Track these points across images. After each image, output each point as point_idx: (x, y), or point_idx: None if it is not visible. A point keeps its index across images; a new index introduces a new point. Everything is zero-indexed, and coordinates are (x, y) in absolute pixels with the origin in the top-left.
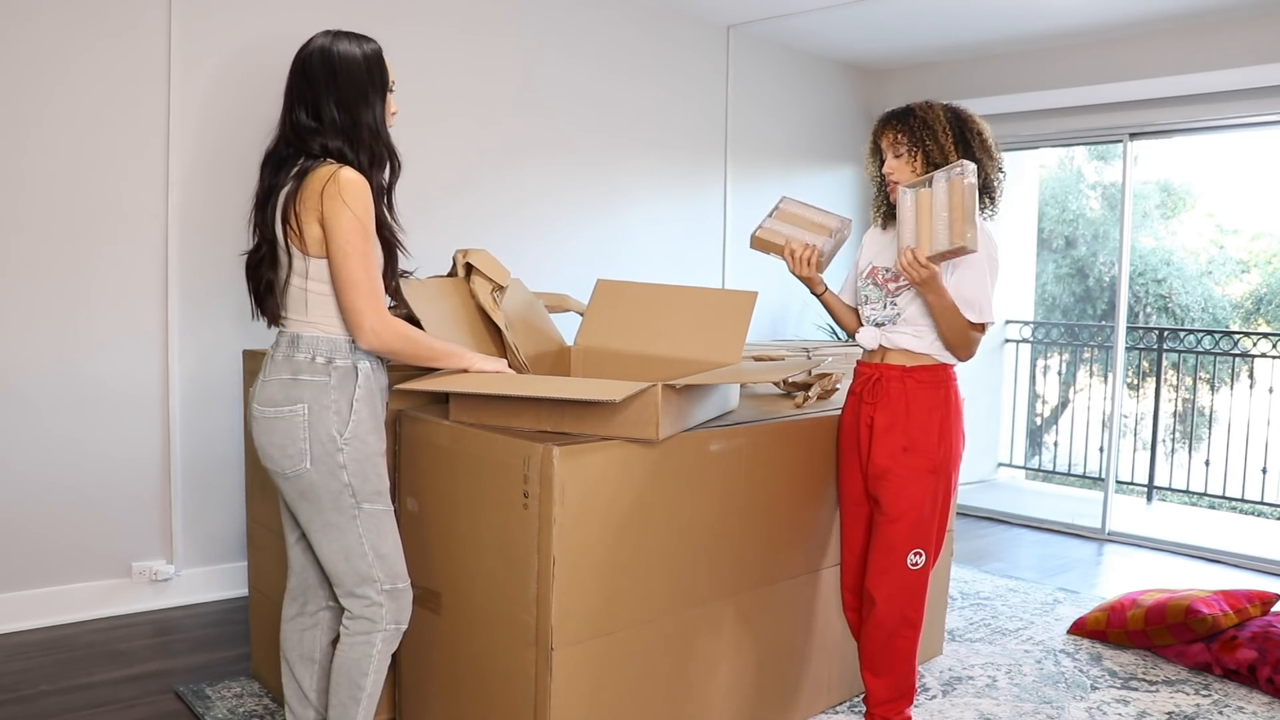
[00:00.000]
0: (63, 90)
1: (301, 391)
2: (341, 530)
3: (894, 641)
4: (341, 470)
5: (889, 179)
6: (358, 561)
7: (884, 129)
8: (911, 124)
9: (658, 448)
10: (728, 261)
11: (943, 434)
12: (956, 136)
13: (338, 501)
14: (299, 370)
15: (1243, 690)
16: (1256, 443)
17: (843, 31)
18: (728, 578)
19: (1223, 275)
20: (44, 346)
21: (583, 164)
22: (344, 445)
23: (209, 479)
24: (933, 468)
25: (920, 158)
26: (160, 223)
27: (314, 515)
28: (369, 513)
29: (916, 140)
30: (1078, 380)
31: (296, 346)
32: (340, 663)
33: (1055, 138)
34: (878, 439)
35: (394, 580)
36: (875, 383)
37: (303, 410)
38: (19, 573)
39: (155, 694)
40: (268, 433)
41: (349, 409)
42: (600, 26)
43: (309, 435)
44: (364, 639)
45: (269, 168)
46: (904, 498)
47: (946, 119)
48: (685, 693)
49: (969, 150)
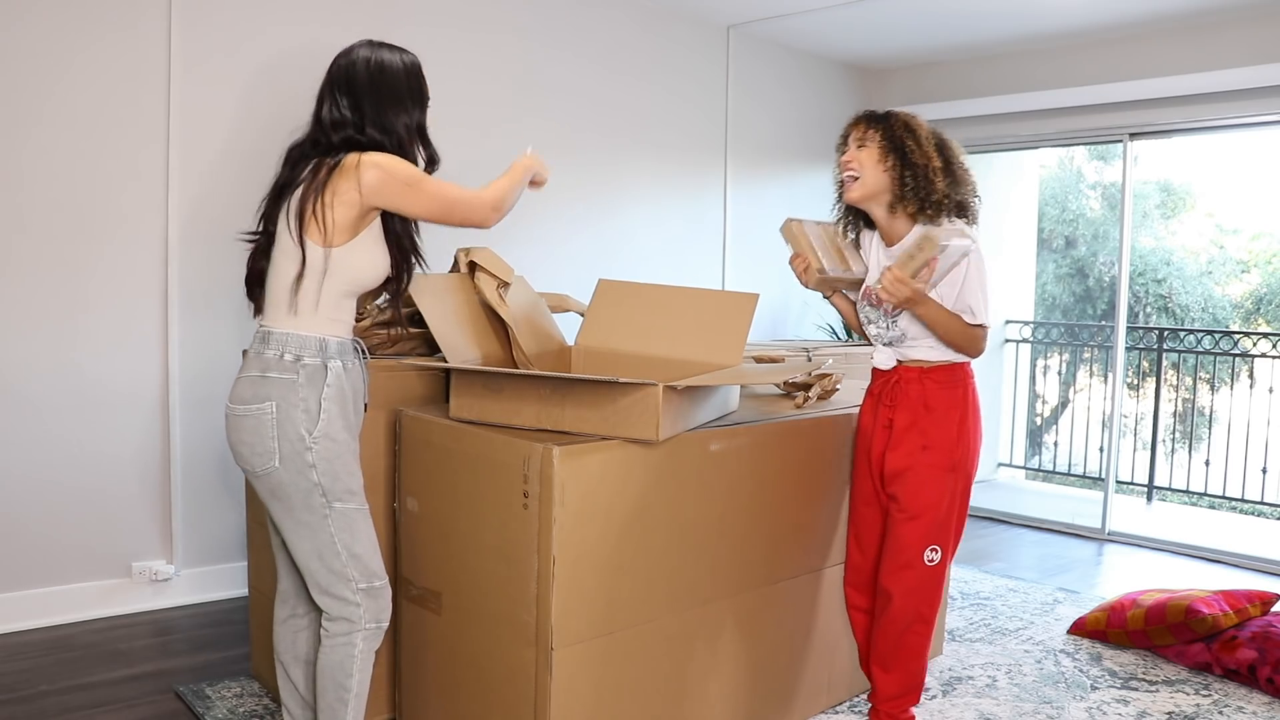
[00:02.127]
0: (63, 90)
1: (270, 389)
2: (313, 530)
3: (907, 638)
4: (310, 469)
5: (846, 167)
6: (331, 561)
7: (858, 122)
8: (892, 124)
9: (658, 448)
10: (728, 261)
11: (961, 432)
12: (938, 146)
13: (308, 500)
14: (267, 367)
15: (1243, 690)
16: (1256, 443)
17: (843, 31)
18: (728, 578)
19: (1223, 275)
20: (44, 346)
21: (583, 164)
22: (312, 444)
23: (209, 479)
24: (952, 466)
25: (894, 157)
26: (160, 223)
27: (285, 515)
28: (340, 512)
29: (894, 139)
30: (1078, 380)
31: (266, 343)
32: (324, 666)
33: (1055, 138)
34: (897, 438)
35: (370, 579)
36: (894, 385)
37: (271, 409)
38: (19, 573)
39: (155, 694)
40: (237, 430)
41: (318, 407)
42: (600, 26)
43: (277, 434)
44: (344, 640)
45: (289, 162)
46: (923, 496)
47: (929, 130)
48: (685, 692)
49: (949, 164)
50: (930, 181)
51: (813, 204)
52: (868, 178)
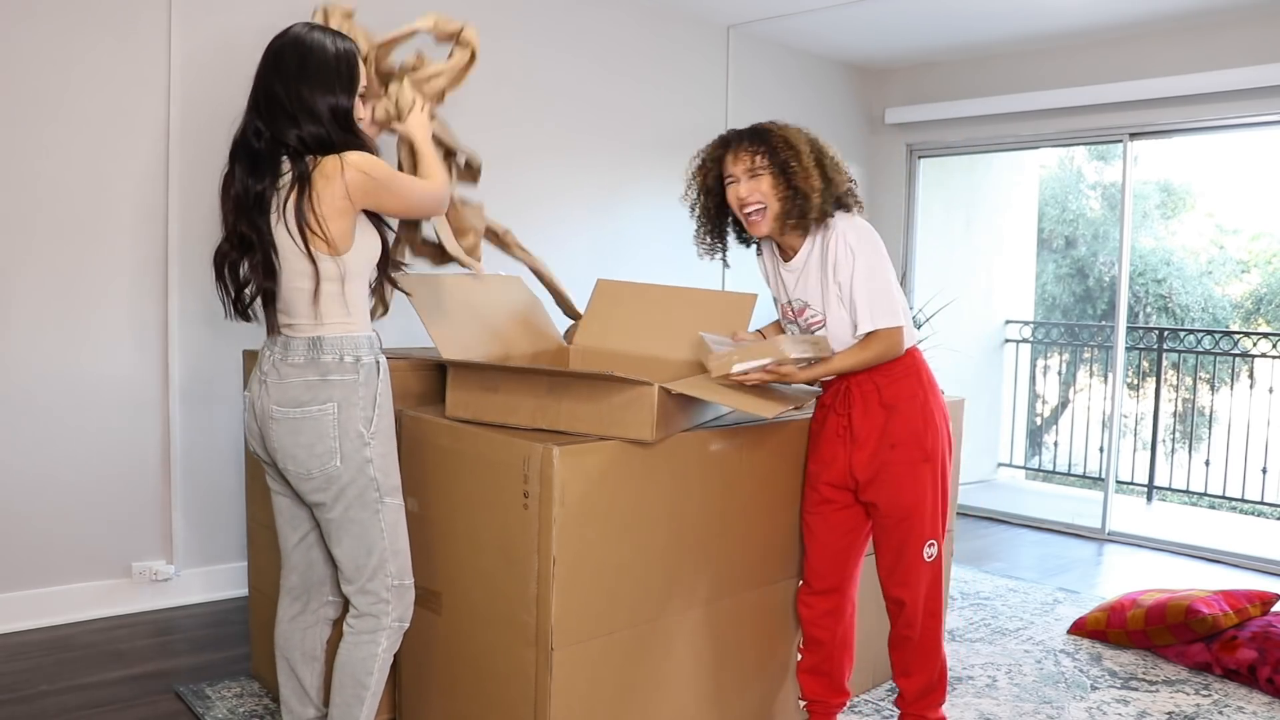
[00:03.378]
0: (63, 90)
1: (332, 391)
2: (364, 525)
3: (925, 638)
4: (369, 464)
5: (745, 203)
6: (376, 556)
7: (736, 150)
8: (773, 142)
9: (658, 448)
10: (728, 261)
11: (927, 419)
12: (816, 157)
13: (364, 496)
14: (328, 370)
15: (1243, 690)
16: (1256, 443)
17: (843, 31)
18: (728, 578)
19: (1223, 275)
20: (44, 346)
21: (582, 164)
22: (370, 439)
23: (209, 479)
24: (925, 456)
25: (784, 180)
26: (160, 222)
27: (336, 511)
28: (390, 507)
29: (778, 159)
30: (1078, 380)
31: (320, 349)
32: (344, 662)
33: (1055, 138)
34: (860, 443)
35: (403, 577)
36: (845, 391)
37: (333, 409)
38: (19, 573)
39: (155, 694)
40: (294, 434)
41: (373, 405)
42: (600, 26)
43: (339, 433)
44: (369, 638)
45: (242, 162)
46: (904, 496)
47: (806, 139)
48: (685, 692)
49: (824, 171)
50: (809, 198)
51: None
52: (771, 208)
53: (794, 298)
